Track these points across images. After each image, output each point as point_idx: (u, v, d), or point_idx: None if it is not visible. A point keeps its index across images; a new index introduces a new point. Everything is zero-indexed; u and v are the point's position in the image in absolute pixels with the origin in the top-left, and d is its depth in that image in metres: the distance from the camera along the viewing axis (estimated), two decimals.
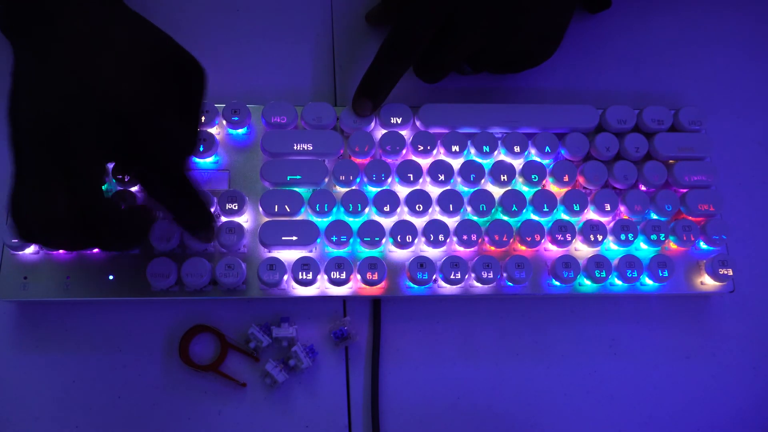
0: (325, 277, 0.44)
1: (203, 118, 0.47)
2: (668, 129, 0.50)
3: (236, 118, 0.47)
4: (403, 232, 0.45)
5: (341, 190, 0.47)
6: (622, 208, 0.48)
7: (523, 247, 0.47)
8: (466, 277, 0.45)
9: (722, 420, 0.47)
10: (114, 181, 0.45)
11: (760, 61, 0.57)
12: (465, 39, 0.45)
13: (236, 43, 0.53)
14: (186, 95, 0.40)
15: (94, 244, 0.40)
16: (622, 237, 0.47)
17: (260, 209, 0.46)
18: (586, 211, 0.47)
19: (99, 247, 0.43)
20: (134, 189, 0.46)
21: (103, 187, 0.45)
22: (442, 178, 0.47)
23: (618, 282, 0.47)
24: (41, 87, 0.35)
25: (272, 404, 0.44)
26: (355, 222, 0.46)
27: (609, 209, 0.47)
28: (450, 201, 0.46)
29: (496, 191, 0.47)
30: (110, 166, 0.45)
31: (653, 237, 0.47)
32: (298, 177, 0.46)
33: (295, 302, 0.46)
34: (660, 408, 0.47)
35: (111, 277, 0.44)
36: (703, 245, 0.48)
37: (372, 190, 0.47)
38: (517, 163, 0.48)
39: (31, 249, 0.44)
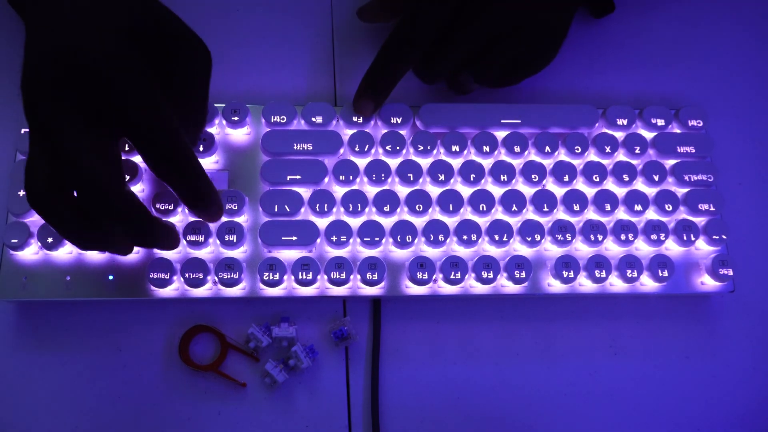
0: (325, 277, 0.44)
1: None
2: (668, 129, 0.50)
3: (236, 118, 0.47)
4: (403, 232, 0.45)
5: (341, 190, 0.47)
6: (622, 208, 0.48)
7: (523, 247, 0.47)
8: (466, 277, 0.45)
9: (722, 420, 0.47)
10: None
11: (760, 61, 0.57)
12: (467, 36, 0.45)
13: (236, 43, 0.53)
14: (184, 72, 0.40)
15: (69, 221, 0.37)
16: (622, 237, 0.47)
17: (260, 209, 0.46)
18: (586, 211, 0.47)
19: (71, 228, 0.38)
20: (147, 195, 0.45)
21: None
22: (442, 178, 0.47)
23: (618, 282, 0.47)
24: (28, 53, 0.36)
25: (272, 404, 0.44)
26: (355, 222, 0.46)
27: (609, 209, 0.47)
28: (450, 201, 0.46)
29: (496, 191, 0.47)
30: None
31: (653, 237, 0.47)
32: (298, 177, 0.46)
33: (295, 302, 0.46)
34: (660, 408, 0.47)
35: (111, 277, 0.44)
36: (703, 245, 0.48)
37: (372, 189, 0.47)
38: (517, 163, 0.48)
39: (31, 249, 0.44)
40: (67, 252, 0.44)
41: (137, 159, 0.46)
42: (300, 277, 0.44)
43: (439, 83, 0.50)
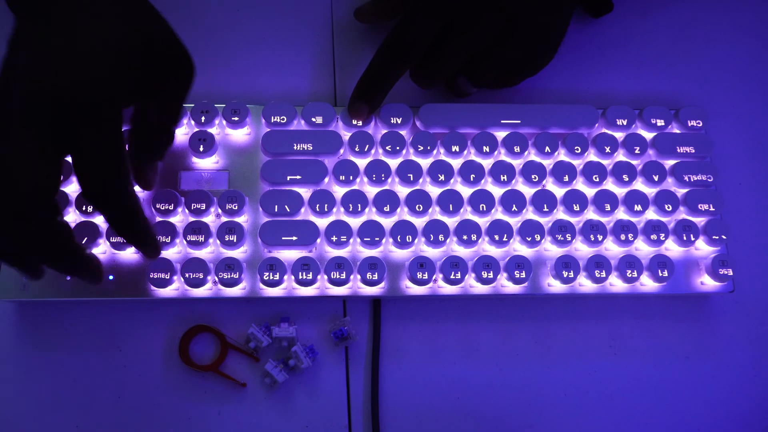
0: (325, 277, 0.44)
1: (184, 118, 0.46)
2: (668, 129, 0.50)
3: (236, 118, 0.47)
4: (403, 232, 0.45)
5: (341, 190, 0.47)
6: (622, 208, 0.48)
7: (523, 247, 0.47)
8: (466, 277, 0.45)
9: (722, 420, 0.47)
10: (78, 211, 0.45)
11: (760, 61, 0.57)
12: (465, 41, 0.45)
13: (236, 43, 0.53)
14: (170, 85, 0.40)
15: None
16: (622, 237, 0.47)
17: (260, 209, 0.46)
18: (586, 211, 0.47)
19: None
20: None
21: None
22: (442, 178, 0.47)
23: (618, 282, 0.47)
24: (8, 57, 0.36)
25: (272, 404, 0.44)
26: (355, 222, 0.46)
27: (609, 209, 0.47)
28: (450, 201, 0.46)
29: (496, 191, 0.47)
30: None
31: (653, 237, 0.47)
32: (298, 177, 0.46)
33: (295, 302, 0.46)
34: (660, 408, 0.47)
35: (111, 277, 0.44)
36: (703, 245, 0.48)
37: (372, 189, 0.47)
38: (517, 163, 0.48)
39: None
40: None
41: None
42: (300, 277, 0.44)
43: (437, 87, 0.50)
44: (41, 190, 0.35)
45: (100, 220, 0.45)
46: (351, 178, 0.46)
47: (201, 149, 0.46)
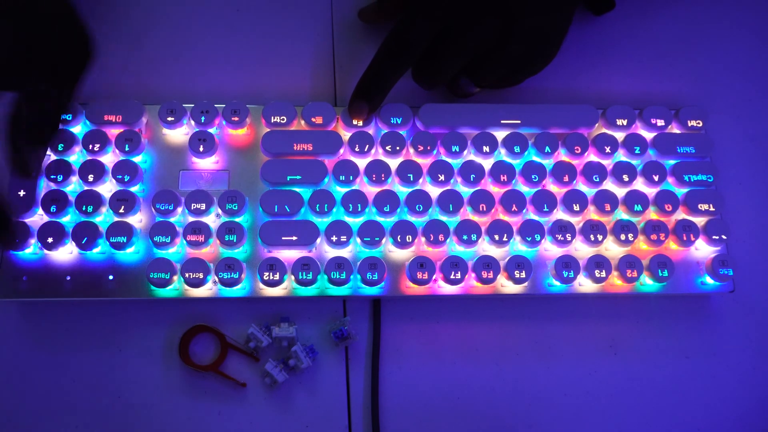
0: (325, 277, 0.44)
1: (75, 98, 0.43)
2: (668, 129, 0.50)
3: (236, 118, 0.47)
4: (403, 232, 0.45)
5: (341, 190, 0.47)
6: (621, 208, 0.48)
7: (523, 247, 0.47)
8: (466, 277, 0.45)
9: (722, 420, 0.47)
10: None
11: (761, 61, 0.57)
12: (464, 43, 0.45)
13: (236, 43, 0.53)
14: (69, 64, 0.40)
15: None
16: (622, 237, 0.47)
17: (260, 209, 0.46)
18: (585, 211, 0.47)
19: None
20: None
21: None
22: (442, 178, 0.47)
23: (618, 282, 0.47)
24: None
25: (272, 404, 0.44)
26: (355, 222, 0.46)
27: (609, 209, 0.47)
28: (450, 201, 0.46)
29: (496, 191, 0.47)
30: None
31: (653, 237, 0.47)
32: (298, 177, 0.46)
33: (295, 302, 0.46)
34: (660, 408, 0.47)
35: (111, 277, 0.44)
36: (703, 245, 0.48)
37: (372, 190, 0.47)
38: (517, 163, 0.48)
39: (30, 249, 0.44)
40: (67, 252, 0.45)
41: (137, 159, 0.46)
42: (300, 277, 0.44)
43: (439, 88, 0.50)
44: None
45: (99, 220, 0.45)
46: (351, 178, 0.46)
47: (201, 149, 0.46)
